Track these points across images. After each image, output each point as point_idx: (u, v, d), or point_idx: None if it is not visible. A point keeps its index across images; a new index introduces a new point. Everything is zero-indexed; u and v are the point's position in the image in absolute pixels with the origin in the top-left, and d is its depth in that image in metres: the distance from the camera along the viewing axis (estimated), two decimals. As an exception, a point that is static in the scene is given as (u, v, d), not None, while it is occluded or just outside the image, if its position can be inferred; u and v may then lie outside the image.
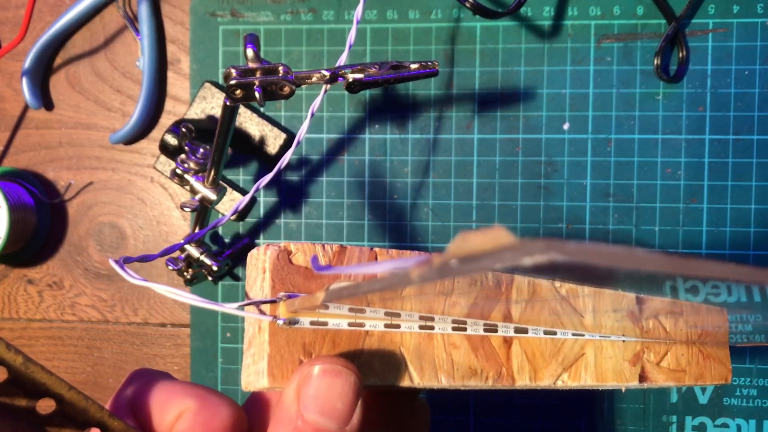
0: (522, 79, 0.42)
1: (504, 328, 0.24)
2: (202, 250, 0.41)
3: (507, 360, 0.24)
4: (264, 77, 0.30)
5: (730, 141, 0.41)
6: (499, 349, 0.24)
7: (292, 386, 0.20)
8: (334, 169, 0.44)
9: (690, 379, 0.28)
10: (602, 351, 0.26)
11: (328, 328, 0.21)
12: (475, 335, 0.23)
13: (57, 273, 0.47)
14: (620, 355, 0.26)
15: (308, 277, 0.21)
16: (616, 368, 0.26)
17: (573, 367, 0.25)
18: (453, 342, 0.23)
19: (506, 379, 0.24)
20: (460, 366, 0.23)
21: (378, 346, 0.22)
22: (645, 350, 0.27)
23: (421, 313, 0.23)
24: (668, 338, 0.27)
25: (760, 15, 0.41)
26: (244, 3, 0.44)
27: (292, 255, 0.22)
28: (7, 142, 0.47)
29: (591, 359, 0.26)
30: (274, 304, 0.21)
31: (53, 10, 0.46)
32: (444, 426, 0.44)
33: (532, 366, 0.24)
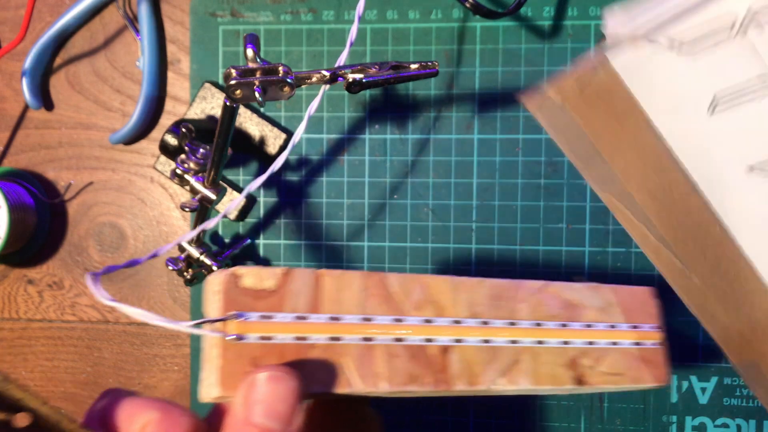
0: (522, 80, 0.42)
1: (442, 339, 0.26)
2: (202, 250, 0.41)
3: (445, 367, 0.25)
4: (264, 77, 0.30)
5: (730, 141, 0.41)
6: (437, 357, 0.25)
7: (240, 393, 0.22)
8: (334, 169, 0.44)
9: (627, 382, 0.28)
10: (538, 357, 0.27)
11: (275, 342, 0.23)
12: (415, 345, 0.25)
13: (57, 273, 0.47)
14: (556, 361, 0.27)
15: (256, 298, 0.24)
16: (552, 373, 0.27)
17: (509, 373, 0.26)
18: (393, 351, 0.25)
19: (443, 385, 0.25)
20: (399, 373, 0.25)
21: (322, 356, 0.24)
22: (582, 355, 0.28)
23: (363, 315, 0.25)
24: (606, 341, 0.28)
25: (760, 15, 0.41)
26: (244, 3, 0.44)
27: (240, 278, 0.24)
28: (7, 142, 0.47)
29: (527, 365, 0.27)
30: (225, 322, 0.24)
31: (53, 10, 0.46)
32: (444, 426, 0.44)
33: (469, 372, 0.26)
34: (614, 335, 0.29)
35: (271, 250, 0.45)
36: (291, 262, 0.44)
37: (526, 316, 0.27)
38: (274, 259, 0.45)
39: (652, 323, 0.30)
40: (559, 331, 0.28)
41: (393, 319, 0.25)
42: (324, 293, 0.25)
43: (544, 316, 0.28)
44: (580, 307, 0.29)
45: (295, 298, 0.24)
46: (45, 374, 0.48)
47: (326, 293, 0.25)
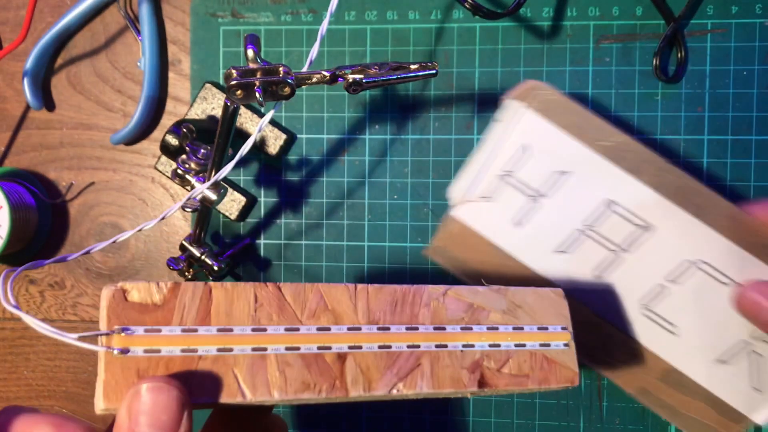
0: (522, 80, 0.43)
1: (338, 346, 0.26)
2: (203, 250, 0.41)
3: (341, 374, 0.26)
4: (264, 78, 0.30)
5: (728, 141, 0.41)
6: (333, 364, 0.26)
7: (124, 404, 0.23)
8: (335, 170, 0.44)
9: (533, 383, 0.29)
10: (439, 361, 0.27)
11: (161, 354, 0.24)
12: (310, 353, 0.26)
13: (58, 273, 0.47)
14: (458, 364, 0.27)
15: (143, 312, 0.24)
16: (453, 376, 0.27)
17: (408, 377, 0.27)
18: (286, 360, 0.25)
19: (339, 391, 0.26)
20: (293, 381, 0.25)
21: (211, 367, 0.24)
22: (485, 358, 0.28)
23: (254, 326, 0.25)
24: (510, 342, 0.29)
25: (759, 15, 0.41)
26: (245, 4, 0.44)
27: (127, 293, 0.25)
28: (8, 142, 0.47)
29: (427, 369, 0.27)
30: (110, 336, 0.24)
31: (54, 10, 0.46)
32: (443, 426, 0.44)
33: (366, 378, 0.26)
34: (520, 337, 0.29)
35: (272, 250, 0.45)
36: (291, 261, 0.45)
37: (426, 321, 0.28)
38: (274, 259, 0.45)
39: (561, 324, 0.30)
40: (461, 334, 0.28)
41: (285, 329, 0.26)
42: (214, 306, 0.25)
43: (446, 320, 0.28)
44: (485, 311, 0.29)
45: (184, 311, 0.25)
46: (46, 374, 0.48)
47: (216, 306, 0.25)
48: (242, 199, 0.44)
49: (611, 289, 0.38)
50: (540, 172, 0.38)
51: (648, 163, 0.37)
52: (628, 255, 0.38)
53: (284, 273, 0.45)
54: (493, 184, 0.38)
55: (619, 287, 0.38)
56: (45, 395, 0.48)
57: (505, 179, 0.38)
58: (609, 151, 0.38)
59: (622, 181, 0.37)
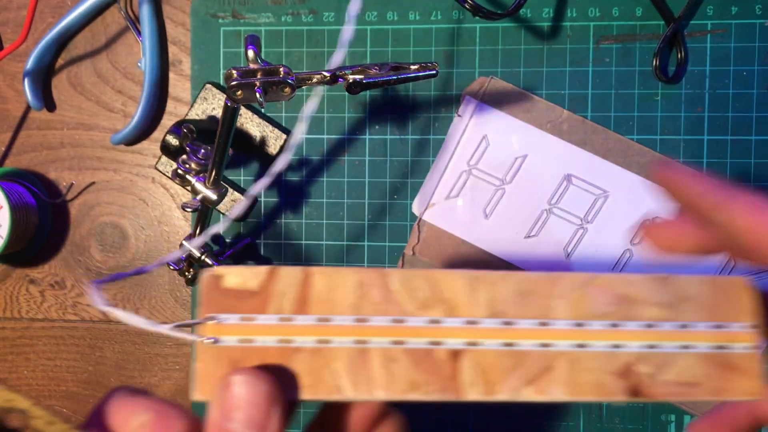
0: (521, 80, 0.43)
1: (452, 342, 0.23)
2: (204, 250, 0.41)
3: (455, 374, 0.23)
4: (265, 78, 0.31)
5: (728, 141, 0.41)
6: (445, 363, 0.23)
7: (215, 398, 0.22)
8: (335, 170, 0.44)
9: (704, 394, 0.24)
10: (579, 363, 0.23)
11: (255, 345, 0.22)
12: (419, 348, 0.23)
13: (59, 273, 0.47)
14: (603, 368, 0.23)
15: (238, 298, 0.23)
16: (597, 382, 0.23)
17: (539, 380, 0.23)
18: (392, 355, 0.23)
19: (452, 393, 0.23)
20: (399, 380, 0.22)
21: (309, 360, 0.22)
22: (639, 361, 0.23)
23: (356, 316, 0.23)
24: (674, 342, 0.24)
25: (759, 16, 0.41)
26: (245, 4, 0.44)
27: (222, 279, 0.23)
28: (9, 142, 0.47)
29: (562, 372, 0.23)
30: (204, 325, 0.23)
31: (55, 11, 0.46)
32: (443, 426, 0.44)
33: (486, 380, 0.23)
34: (687, 337, 0.24)
35: (272, 250, 0.45)
36: (291, 262, 0.45)
37: (563, 315, 0.23)
38: (275, 259, 0.45)
39: (745, 321, 0.24)
40: (607, 332, 0.24)
41: (391, 320, 0.23)
42: (313, 293, 0.23)
43: (589, 315, 0.24)
44: (640, 304, 0.24)
45: (281, 298, 0.23)
46: (47, 373, 0.48)
47: (315, 293, 0.23)
48: (242, 199, 0.44)
49: (583, 269, 0.40)
50: (500, 159, 0.42)
51: (595, 134, 0.41)
52: (591, 226, 0.41)
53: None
54: (458, 181, 0.42)
55: (591, 263, 0.41)
56: (45, 395, 0.48)
57: (469, 174, 0.41)
58: (558, 129, 0.41)
59: (574, 154, 0.41)
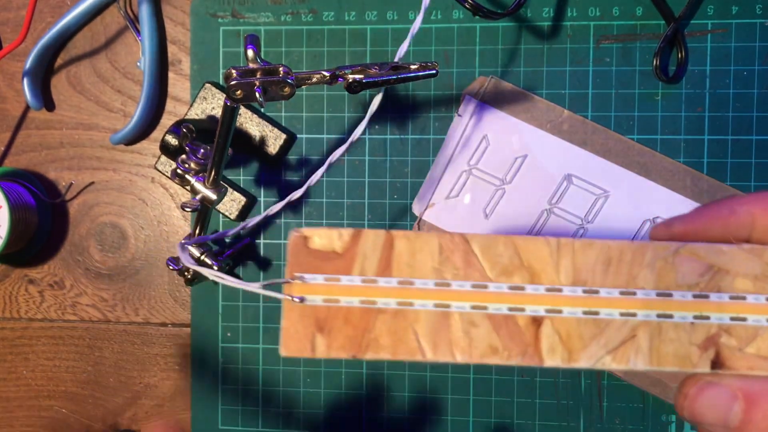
0: (521, 80, 0.43)
1: (533, 309, 0.23)
2: (203, 250, 0.41)
3: (535, 340, 0.23)
4: (264, 78, 0.30)
5: (728, 141, 0.41)
6: (526, 329, 0.23)
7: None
8: (335, 169, 0.44)
9: None
10: (660, 333, 0.23)
11: (340, 305, 0.23)
12: (499, 314, 0.23)
13: (58, 273, 0.47)
14: (686, 338, 0.23)
15: (323, 259, 0.24)
16: (678, 353, 0.23)
17: (619, 350, 0.23)
18: (472, 320, 0.23)
19: (532, 359, 0.23)
20: (478, 344, 0.23)
21: (390, 321, 0.23)
22: (723, 333, 0.23)
23: (437, 280, 0.23)
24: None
25: (759, 16, 0.41)
26: (245, 4, 0.44)
27: (309, 240, 0.24)
28: (8, 142, 0.47)
29: (644, 342, 0.23)
30: (291, 284, 0.24)
31: (54, 11, 0.46)
32: (443, 425, 0.44)
33: (566, 347, 0.23)
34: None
35: (272, 250, 0.45)
36: (291, 261, 0.45)
37: (648, 285, 0.23)
38: (274, 259, 0.45)
39: None
40: (692, 303, 0.23)
41: (472, 285, 0.23)
42: (395, 256, 0.24)
43: (675, 285, 0.23)
44: (729, 275, 0.23)
45: (364, 260, 0.24)
46: (46, 373, 0.48)
47: (398, 256, 0.24)
48: (242, 199, 0.44)
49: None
50: (500, 159, 0.41)
51: (595, 134, 0.41)
52: (591, 226, 0.40)
53: (284, 273, 0.45)
54: (458, 181, 0.41)
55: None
56: (44, 395, 0.48)
57: (469, 174, 0.41)
58: (558, 129, 0.41)
59: (575, 154, 0.41)
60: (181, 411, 0.46)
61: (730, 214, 0.24)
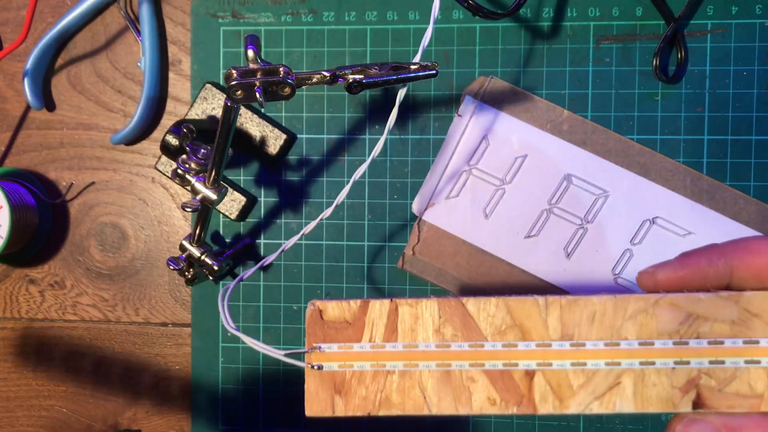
0: (521, 80, 0.43)
1: (525, 363, 0.25)
2: (204, 250, 0.41)
3: (529, 391, 0.25)
4: (265, 78, 0.31)
5: (728, 141, 0.41)
6: (520, 381, 0.25)
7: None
8: (335, 169, 0.44)
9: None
10: (643, 379, 0.25)
11: (354, 369, 0.26)
12: (495, 370, 0.26)
13: (58, 273, 0.47)
14: (668, 382, 0.25)
15: (336, 329, 0.27)
16: (661, 396, 0.25)
17: (606, 396, 0.25)
18: (471, 376, 0.26)
19: (527, 408, 0.25)
20: (478, 397, 0.25)
21: (399, 381, 0.26)
22: (703, 375, 0.25)
23: (438, 342, 0.26)
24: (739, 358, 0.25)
25: (759, 16, 0.41)
26: (245, 4, 0.44)
27: (323, 312, 0.27)
28: (8, 142, 0.47)
29: (629, 388, 0.25)
30: (310, 353, 0.27)
31: (55, 11, 0.46)
32: (444, 425, 0.44)
33: (557, 396, 0.25)
34: (753, 352, 0.25)
35: (272, 250, 0.45)
36: (291, 261, 0.45)
37: (631, 335, 0.25)
38: (274, 259, 0.45)
39: None
40: (673, 350, 0.25)
41: (470, 345, 0.26)
42: (400, 322, 0.26)
43: (656, 334, 0.25)
44: (707, 321, 0.25)
45: (372, 327, 0.26)
46: (46, 373, 0.48)
47: (402, 322, 0.26)
48: (242, 199, 0.44)
49: (582, 269, 0.41)
50: (500, 159, 0.42)
51: (595, 134, 0.41)
52: (591, 226, 0.40)
53: (284, 273, 0.45)
54: (458, 181, 0.42)
55: (590, 263, 0.41)
56: (45, 395, 0.48)
57: (469, 174, 0.41)
58: (558, 129, 0.41)
59: (574, 154, 0.41)
60: (181, 411, 0.46)
61: (710, 264, 0.25)
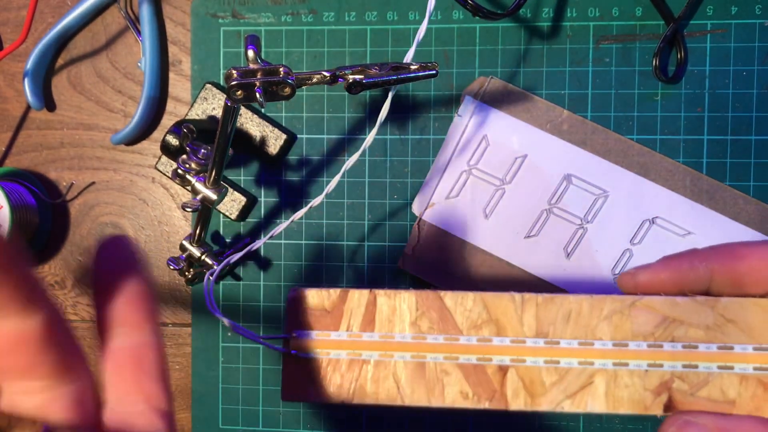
0: (521, 80, 0.43)
1: (499, 359, 0.26)
2: (204, 250, 0.41)
3: (501, 386, 0.25)
4: (265, 78, 0.31)
5: (728, 141, 0.41)
6: (493, 376, 0.26)
7: None
8: (335, 169, 0.44)
9: (741, 412, 0.25)
10: (616, 379, 0.25)
11: (330, 357, 0.26)
12: (468, 363, 0.26)
13: (59, 273, 0.47)
14: (640, 384, 0.25)
15: (317, 317, 0.27)
16: (633, 397, 0.25)
17: (578, 395, 0.25)
18: (445, 369, 0.26)
19: (498, 403, 0.25)
20: (451, 390, 0.26)
21: (374, 371, 0.26)
22: (676, 379, 0.25)
23: (414, 334, 0.26)
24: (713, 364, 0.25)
25: (759, 16, 0.41)
26: (245, 4, 0.44)
27: (302, 300, 0.27)
28: (9, 142, 0.47)
29: (601, 388, 0.25)
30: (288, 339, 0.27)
31: (55, 11, 0.47)
32: (444, 425, 0.44)
33: (529, 392, 0.25)
34: (726, 358, 0.25)
35: (272, 250, 0.45)
36: (291, 261, 0.45)
37: (605, 336, 0.25)
38: (274, 259, 0.45)
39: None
40: (647, 352, 0.25)
41: (444, 338, 0.26)
42: (377, 312, 0.26)
43: (631, 336, 0.25)
44: (682, 325, 0.25)
45: (350, 317, 0.27)
46: (47, 373, 0.48)
47: (380, 313, 0.26)
48: (242, 199, 0.44)
49: (582, 269, 0.41)
50: (500, 159, 0.42)
51: (595, 134, 0.41)
52: (591, 226, 0.41)
53: (284, 273, 0.45)
54: (458, 181, 0.42)
55: (590, 263, 0.41)
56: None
57: (469, 174, 0.42)
58: (558, 129, 0.41)
59: (574, 154, 0.41)
60: (181, 411, 0.46)
61: (691, 268, 0.25)
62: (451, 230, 0.42)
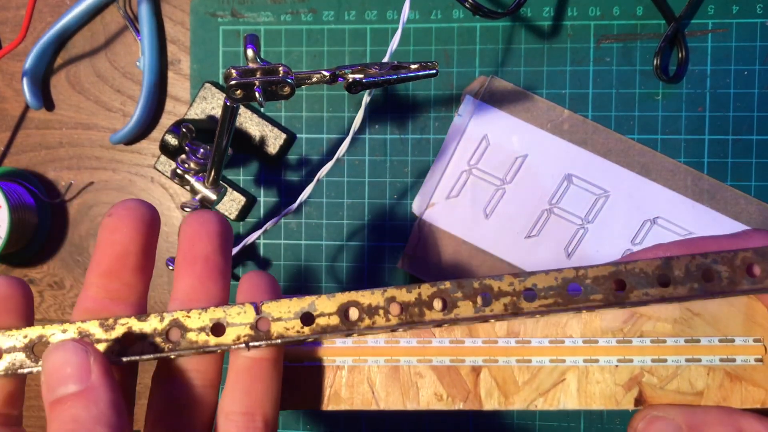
0: (522, 80, 0.43)
1: (472, 360, 0.26)
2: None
3: (475, 387, 0.26)
4: (264, 77, 0.30)
5: (729, 141, 0.41)
6: (466, 377, 0.26)
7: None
8: (334, 169, 0.44)
9: (709, 402, 0.25)
10: (588, 376, 0.26)
11: (303, 365, 0.26)
12: (442, 365, 0.26)
13: (58, 273, 0.47)
14: (611, 380, 0.26)
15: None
16: (604, 393, 0.26)
17: (550, 393, 0.26)
18: (419, 372, 0.26)
19: (473, 403, 0.26)
20: (425, 393, 0.26)
21: (348, 376, 0.26)
22: (645, 373, 0.25)
23: (387, 338, 0.26)
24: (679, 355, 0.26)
25: (760, 15, 0.41)
26: (245, 3, 0.44)
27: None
28: (7, 142, 0.47)
29: (572, 385, 0.26)
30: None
31: (54, 10, 0.46)
32: (444, 426, 0.44)
33: (502, 392, 0.26)
34: (693, 351, 0.25)
35: (271, 250, 0.45)
36: (291, 262, 0.45)
37: (575, 333, 0.26)
38: (274, 259, 0.45)
39: (754, 335, 0.25)
40: (616, 348, 0.26)
41: (418, 341, 0.26)
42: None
43: (600, 332, 0.26)
44: (650, 320, 0.26)
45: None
46: (46, 374, 0.48)
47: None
48: (242, 198, 0.44)
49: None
50: (500, 159, 0.42)
51: (595, 134, 0.41)
52: (592, 226, 0.40)
53: (284, 273, 0.45)
54: (458, 181, 0.42)
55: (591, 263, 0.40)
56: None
57: (469, 174, 0.41)
58: (558, 128, 0.41)
59: (575, 154, 0.41)
60: (180, 411, 0.46)
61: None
62: (451, 230, 0.42)
